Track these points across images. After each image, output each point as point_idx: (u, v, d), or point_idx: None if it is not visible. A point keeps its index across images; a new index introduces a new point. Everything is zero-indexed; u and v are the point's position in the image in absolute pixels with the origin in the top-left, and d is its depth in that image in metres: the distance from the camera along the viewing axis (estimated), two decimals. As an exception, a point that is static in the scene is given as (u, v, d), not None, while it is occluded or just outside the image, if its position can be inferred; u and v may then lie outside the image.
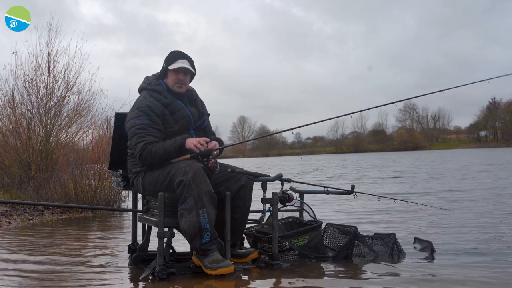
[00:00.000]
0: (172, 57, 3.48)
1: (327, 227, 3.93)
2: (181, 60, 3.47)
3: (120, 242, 4.81)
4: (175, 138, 3.32)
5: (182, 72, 3.46)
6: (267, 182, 3.48)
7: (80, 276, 3.41)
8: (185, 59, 3.49)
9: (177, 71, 3.44)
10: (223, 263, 3.15)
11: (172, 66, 3.44)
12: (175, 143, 3.28)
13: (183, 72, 3.47)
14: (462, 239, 4.43)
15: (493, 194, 8.58)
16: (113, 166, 3.77)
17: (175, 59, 3.47)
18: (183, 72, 3.46)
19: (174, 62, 3.45)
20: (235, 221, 3.41)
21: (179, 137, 3.32)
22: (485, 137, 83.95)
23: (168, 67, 3.45)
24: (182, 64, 3.44)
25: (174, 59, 3.47)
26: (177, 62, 3.45)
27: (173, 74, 3.46)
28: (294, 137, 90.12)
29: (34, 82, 9.87)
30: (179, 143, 3.28)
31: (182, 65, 3.44)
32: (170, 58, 3.48)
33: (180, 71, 3.45)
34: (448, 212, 6.16)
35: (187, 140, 3.31)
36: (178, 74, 3.46)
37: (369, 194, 5.31)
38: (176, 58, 3.47)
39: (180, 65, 3.44)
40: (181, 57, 3.49)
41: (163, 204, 3.18)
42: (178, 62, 3.45)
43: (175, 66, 3.44)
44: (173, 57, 3.48)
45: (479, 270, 3.26)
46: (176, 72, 3.45)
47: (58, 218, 6.89)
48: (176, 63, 3.45)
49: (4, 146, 10.18)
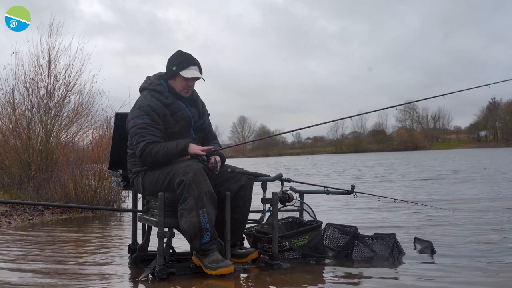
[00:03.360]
0: (184, 62, 3.43)
1: (327, 227, 3.93)
2: (193, 67, 3.44)
3: (120, 242, 4.81)
4: (178, 141, 3.31)
5: (193, 80, 3.46)
6: (267, 182, 3.48)
7: (80, 276, 3.41)
8: (196, 65, 3.46)
9: (189, 78, 3.44)
10: (223, 263, 3.16)
11: (185, 73, 3.40)
12: (178, 146, 3.27)
13: (193, 80, 3.47)
14: (462, 239, 4.43)
15: (495, 195, 8.57)
16: (113, 166, 3.77)
17: (188, 65, 3.43)
18: (194, 79, 3.47)
19: (186, 68, 3.42)
20: (235, 221, 3.41)
21: (182, 141, 3.31)
22: (485, 137, 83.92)
23: (179, 71, 3.42)
24: (195, 73, 3.43)
25: (187, 64, 3.43)
26: (190, 69, 3.42)
27: (184, 80, 3.44)
28: (294, 137, 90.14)
29: (34, 82, 9.88)
30: (182, 146, 3.27)
31: (196, 75, 3.43)
32: (182, 63, 3.42)
33: (192, 79, 3.45)
34: (448, 212, 6.16)
35: (191, 145, 3.30)
36: (189, 81, 3.45)
37: (369, 194, 5.31)
38: (189, 64, 3.43)
39: (194, 75, 3.42)
40: (193, 63, 3.45)
41: (163, 204, 3.18)
42: (191, 69, 3.43)
43: (189, 74, 3.41)
44: (185, 62, 3.43)
45: (479, 271, 3.26)
46: (187, 79, 3.44)
47: (58, 218, 6.90)
48: (188, 70, 3.42)
49: (4, 146, 10.18)
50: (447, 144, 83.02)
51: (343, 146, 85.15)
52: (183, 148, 3.27)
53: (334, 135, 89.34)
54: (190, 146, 3.29)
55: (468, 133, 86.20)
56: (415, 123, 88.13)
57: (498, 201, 7.48)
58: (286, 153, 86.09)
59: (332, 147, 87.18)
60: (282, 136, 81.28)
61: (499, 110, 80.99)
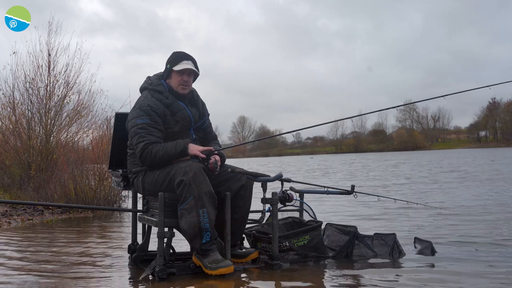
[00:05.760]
0: (177, 58, 3.47)
1: (327, 227, 3.93)
2: (186, 61, 3.46)
3: (120, 242, 4.81)
4: (177, 141, 3.31)
5: (186, 73, 3.46)
6: (267, 182, 3.48)
7: (80, 276, 3.41)
8: (189, 60, 3.48)
9: (181, 72, 3.44)
10: (223, 263, 3.16)
11: (176, 67, 3.43)
12: (177, 147, 3.27)
13: (187, 74, 3.46)
14: (462, 239, 4.43)
15: (496, 195, 8.57)
16: (113, 166, 3.77)
17: (180, 60, 3.46)
18: (187, 73, 3.46)
19: (178, 63, 3.44)
20: (235, 221, 3.41)
21: (182, 141, 3.32)
22: (485, 137, 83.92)
23: (172, 68, 3.44)
24: (187, 66, 3.44)
25: (179, 60, 3.46)
26: (182, 63, 3.45)
27: (178, 75, 3.45)
28: (294, 137, 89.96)
29: (34, 82, 9.87)
30: (181, 147, 3.27)
31: (187, 66, 3.43)
32: (175, 59, 3.46)
33: (184, 72, 3.45)
34: (448, 212, 6.16)
35: (190, 146, 3.31)
36: (183, 75, 3.45)
37: (369, 194, 5.31)
38: (181, 59, 3.46)
39: (185, 66, 3.43)
40: (186, 58, 3.48)
41: (163, 204, 3.18)
42: (183, 63, 3.45)
43: (180, 67, 3.43)
44: (178, 58, 3.47)
45: (479, 271, 3.26)
46: (180, 73, 3.44)
47: (58, 218, 6.89)
48: (180, 64, 3.44)
49: (4, 146, 10.18)
50: (447, 144, 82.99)
51: (343, 146, 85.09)
52: (182, 149, 3.27)
53: (334, 135, 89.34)
54: (190, 146, 3.30)
55: (468, 133, 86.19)
56: (415, 123, 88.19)
57: (500, 201, 7.48)
58: (286, 153, 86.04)
59: (332, 147, 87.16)
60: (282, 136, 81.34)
61: (499, 110, 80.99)
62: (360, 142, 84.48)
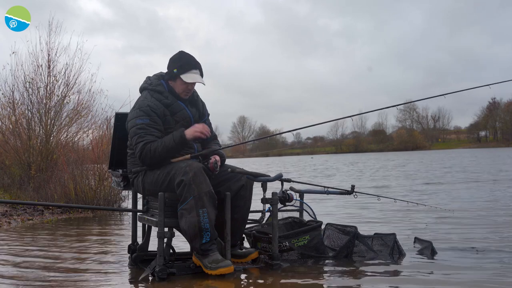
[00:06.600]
0: (185, 65, 3.41)
1: (327, 227, 3.93)
2: (194, 70, 3.43)
3: (120, 242, 4.81)
4: (173, 133, 3.32)
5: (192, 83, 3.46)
6: (267, 182, 3.48)
7: (80, 276, 3.41)
8: (197, 69, 3.45)
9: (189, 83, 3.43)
10: (223, 263, 3.15)
11: (185, 78, 3.39)
12: (174, 137, 3.28)
13: (193, 83, 3.46)
14: (462, 239, 4.43)
15: (496, 195, 8.57)
16: (113, 166, 3.77)
17: (189, 69, 3.41)
18: (193, 83, 3.46)
19: (187, 71, 3.40)
20: (235, 221, 3.41)
21: (176, 131, 3.32)
22: (485, 137, 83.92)
23: (180, 75, 3.41)
24: (196, 78, 3.41)
25: (188, 68, 3.41)
26: (191, 73, 3.41)
27: (184, 83, 3.43)
28: (294, 137, 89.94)
29: (34, 82, 9.87)
30: (178, 136, 3.28)
31: (197, 80, 3.42)
32: (183, 66, 3.41)
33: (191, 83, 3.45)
34: (448, 212, 6.16)
35: (186, 132, 3.31)
36: (188, 84, 3.45)
37: (369, 194, 5.30)
38: (190, 67, 3.42)
39: (194, 80, 3.41)
40: (194, 67, 3.44)
41: (163, 204, 3.18)
42: (192, 73, 3.42)
43: (190, 79, 3.40)
44: (187, 65, 3.42)
45: (479, 271, 3.26)
46: (187, 83, 3.43)
47: (58, 218, 6.89)
48: (189, 73, 3.41)
49: (4, 146, 10.18)
50: (447, 144, 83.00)
51: (343, 146, 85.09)
52: (180, 137, 3.27)
53: (334, 135, 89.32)
54: (186, 132, 3.31)
55: (468, 133, 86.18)
56: (415, 123, 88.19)
57: (501, 202, 7.48)
58: (286, 153, 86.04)
59: (332, 147, 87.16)
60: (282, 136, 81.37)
61: (499, 110, 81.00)
62: (360, 142, 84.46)
